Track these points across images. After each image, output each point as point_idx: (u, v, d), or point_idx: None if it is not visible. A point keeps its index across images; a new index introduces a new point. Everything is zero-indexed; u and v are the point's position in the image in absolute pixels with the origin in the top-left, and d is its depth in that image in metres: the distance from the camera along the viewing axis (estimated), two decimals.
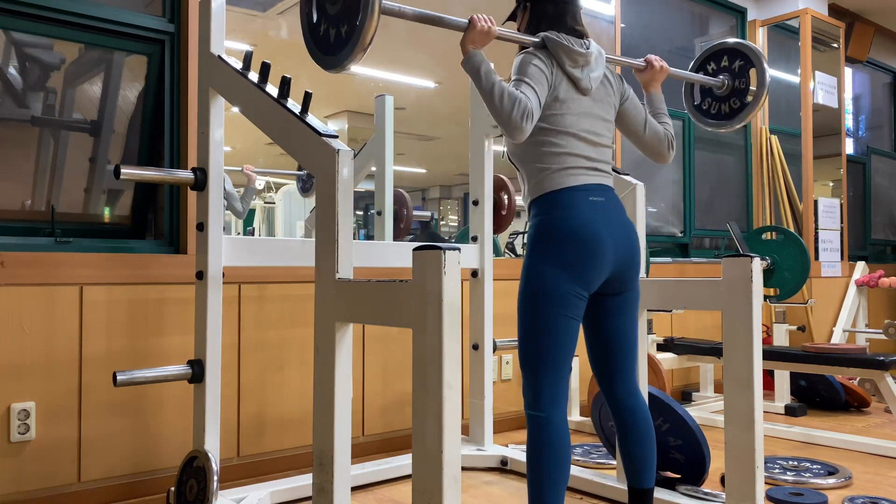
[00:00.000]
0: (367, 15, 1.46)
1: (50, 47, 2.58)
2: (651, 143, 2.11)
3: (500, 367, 3.60)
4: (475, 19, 1.87)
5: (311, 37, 1.63)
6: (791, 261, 4.24)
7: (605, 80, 2.02)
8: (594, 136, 1.96)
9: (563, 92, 1.91)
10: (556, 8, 1.99)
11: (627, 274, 1.96)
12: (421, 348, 1.52)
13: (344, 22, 1.51)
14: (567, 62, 1.91)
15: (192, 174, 2.25)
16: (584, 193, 1.90)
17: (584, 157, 1.93)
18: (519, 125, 1.77)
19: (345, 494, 1.79)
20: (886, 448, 3.21)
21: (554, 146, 1.90)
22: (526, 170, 1.97)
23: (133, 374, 2.16)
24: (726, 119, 2.62)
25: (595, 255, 1.85)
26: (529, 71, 1.86)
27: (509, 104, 1.76)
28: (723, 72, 2.60)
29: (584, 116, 1.94)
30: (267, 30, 3.17)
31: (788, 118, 5.48)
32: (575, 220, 1.86)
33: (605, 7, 4.39)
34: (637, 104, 2.11)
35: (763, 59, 2.52)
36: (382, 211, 3.29)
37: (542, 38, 1.94)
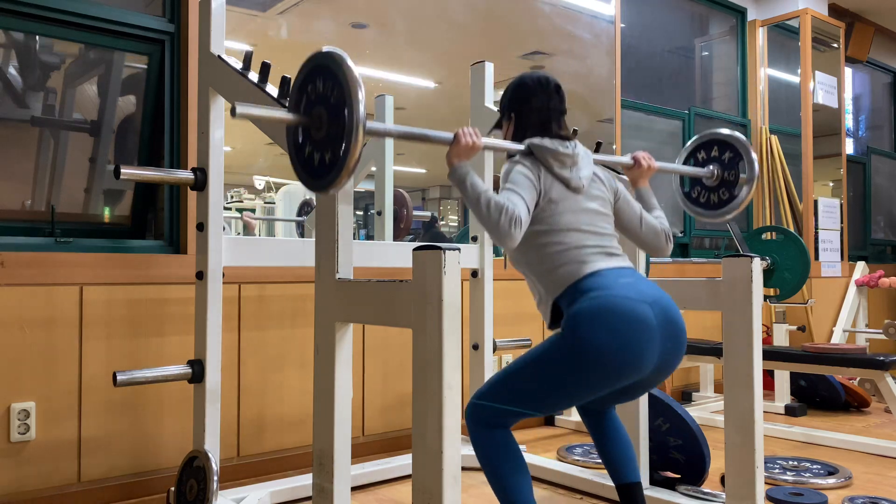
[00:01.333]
0: (350, 143, 1.47)
1: (50, 47, 2.58)
2: (648, 238, 2.08)
3: (500, 367, 3.60)
4: (460, 134, 1.83)
5: (297, 158, 1.64)
6: (791, 261, 4.24)
7: (595, 178, 2.00)
8: (597, 228, 1.92)
9: (556, 193, 1.89)
10: (540, 116, 2.00)
11: (671, 364, 1.85)
12: (421, 348, 1.52)
13: (328, 148, 1.53)
14: (554, 164, 1.90)
15: (192, 174, 2.25)
16: (612, 276, 1.81)
17: (592, 246, 1.87)
18: (508, 232, 1.74)
19: (345, 494, 1.79)
20: (886, 448, 3.21)
21: (558, 244, 1.86)
22: (535, 273, 1.90)
23: (133, 374, 2.16)
24: (715, 209, 2.60)
25: (642, 341, 1.73)
26: (516, 178, 1.86)
27: (496, 213, 1.74)
28: (712, 161, 2.59)
29: (581, 213, 1.91)
30: (267, 30, 3.17)
31: (788, 118, 5.48)
32: (613, 301, 1.74)
33: (605, 7, 4.39)
34: (630, 201, 2.08)
35: (752, 152, 2.51)
36: (382, 211, 3.29)
37: (527, 145, 1.94)
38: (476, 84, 3.05)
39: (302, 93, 1.63)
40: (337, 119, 1.52)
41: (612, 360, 1.70)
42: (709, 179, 2.59)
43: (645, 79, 4.74)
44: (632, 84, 4.57)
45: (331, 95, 1.54)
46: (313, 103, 1.59)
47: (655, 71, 4.88)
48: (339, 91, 1.52)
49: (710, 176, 2.57)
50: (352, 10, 3.37)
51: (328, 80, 1.55)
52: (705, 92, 5.34)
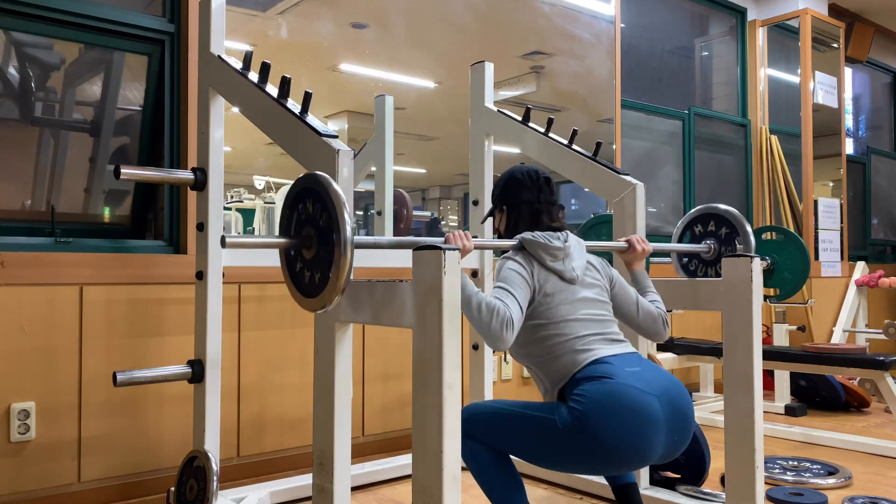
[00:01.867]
0: (340, 263, 1.50)
1: (50, 47, 2.58)
2: (646, 324, 2.07)
3: (500, 367, 3.60)
4: (450, 239, 1.84)
5: (290, 276, 1.67)
6: (791, 261, 4.23)
7: (590, 266, 2.00)
8: (596, 316, 1.91)
9: (551, 286, 1.89)
10: (531, 209, 2.03)
11: (677, 451, 1.82)
12: (421, 348, 1.52)
13: (318, 268, 1.56)
14: (547, 258, 1.91)
15: (192, 174, 2.25)
16: (617, 363, 1.79)
17: (592, 334, 1.87)
18: (499, 335, 1.73)
19: (345, 494, 1.79)
20: (886, 448, 3.21)
21: (558, 336, 1.85)
22: (538, 365, 1.89)
23: (133, 374, 2.16)
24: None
25: (647, 434, 1.71)
26: (508, 276, 1.86)
27: (488, 316, 1.73)
28: (709, 236, 2.60)
29: (578, 303, 1.90)
30: (267, 30, 3.17)
31: (788, 118, 5.48)
32: (619, 391, 1.72)
33: (605, 7, 4.39)
34: (626, 287, 2.08)
35: (748, 229, 2.52)
36: (382, 211, 3.29)
37: (518, 241, 1.95)
38: (476, 84, 3.05)
39: (292, 214, 1.65)
40: (326, 240, 1.54)
41: (616, 451, 1.70)
42: (706, 254, 2.61)
43: (645, 79, 4.74)
44: (632, 84, 4.56)
45: (319, 218, 1.56)
46: (303, 224, 1.61)
47: (655, 71, 4.88)
48: (326, 214, 1.54)
49: (707, 251, 2.59)
50: (352, 10, 3.37)
51: (316, 203, 1.57)
52: (705, 92, 5.34)
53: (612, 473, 1.80)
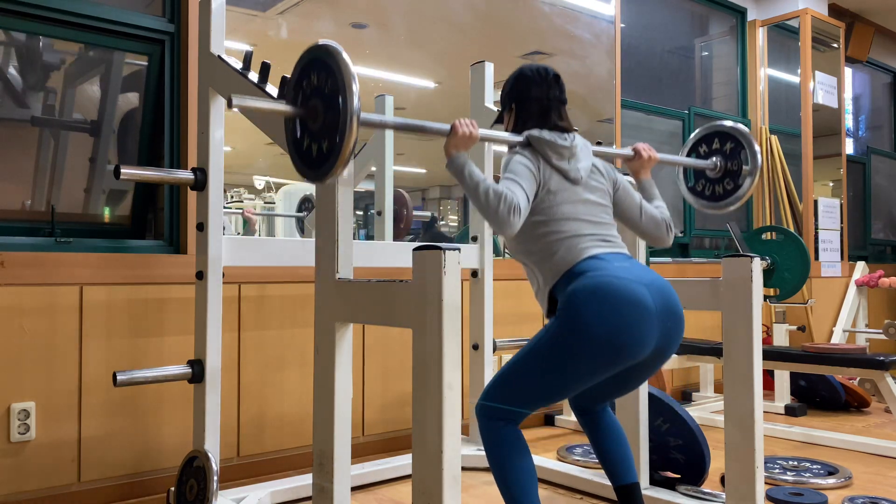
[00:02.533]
0: (345, 131, 1.50)
1: (50, 47, 2.58)
2: (649, 227, 2.09)
3: (500, 366, 3.60)
4: (457, 125, 1.85)
5: (296, 151, 1.67)
6: (791, 261, 4.24)
7: (594, 170, 2.01)
8: (595, 218, 1.93)
9: (555, 184, 1.90)
10: (540, 106, 2.01)
11: (671, 348, 1.85)
12: (421, 348, 1.52)
13: (325, 138, 1.55)
14: (553, 156, 1.91)
15: (192, 174, 2.25)
16: (609, 260, 1.83)
17: (590, 235, 1.89)
18: (507, 220, 1.75)
19: (345, 494, 1.79)
20: (886, 448, 3.21)
21: (557, 233, 1.87)
22: (533, 261, 1.92)
23: (133, 374, 2.16)
24: (721, 199, 2.61)
25: (640, 322, 1.73)
26: (516, 169, 1.87)
27: (495, 201, 1.75)
28: (715, 154, 2.60)
29: (579, 203, 1.92)
30: (267, 30, 3.17)
31: (788, 118, 5.48)
32: (612, 282, 1.74)
33: (605, 7, 4.39)
34: (630, 191, 2.09)
35: (754, 142, 2.52)
36: (382, 211, 3.29)
37: (525, 137, 1.95)
38: (476, 84, 3.05)
39: (299, 86, 1.65)
40: (332, 109, 1.54)
41: (609, 339, 1.70)
42: (712, 171, 2.59)
43: (645, 79, 4.74)
44: (632, 84, 4.56)
45: (325, 87, 1.56)
46: (309, 96, 1.61)
47: (655, 71, 4.88)
48: (333, 82, 1.54)
49: (713, 168, 2.58)
50: (352, 10, 3.37)
51: (323, 73, 1.57)
52: (705, 92, 5.34)
53: (614, 369, 1.76)
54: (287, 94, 1.68)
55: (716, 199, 2.63)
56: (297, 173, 1.69)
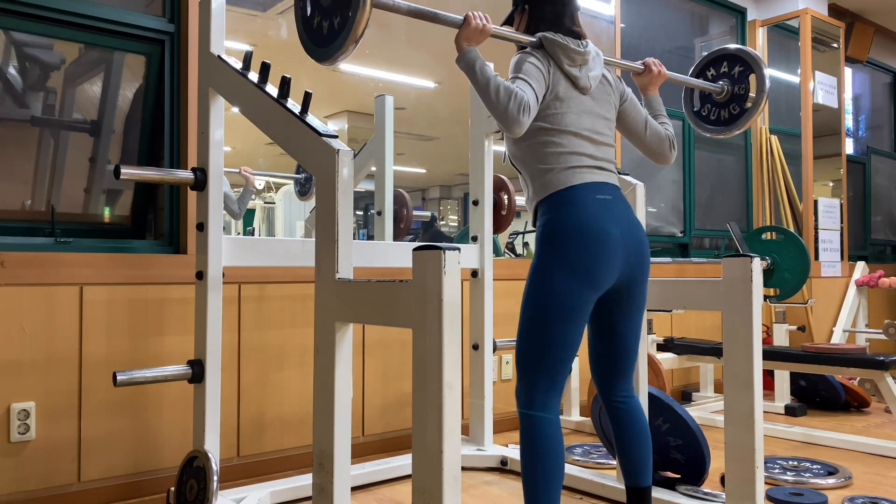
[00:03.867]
0: (358, 6, 1.48)
1: (50, 47, 2.58)
2: (652, 143, 2.11)
3: (500, 367, 3.60)
4: (470, 17, 1.87)
5: (305, 29, 1.65)
6: (791, 261, 4.24)
7: (603, 80, 2.02)
8: (596, 135, 1.95)
9: (563, 90, 1.90)
10: (553, 9, 1.99)
11: (637, 275, 1.93)
12: (421, 348, 1.52)
13: (336, 14, 1.53)
14: (565, 61, 1.91)
15: (192, 174, 2.25)
16: (591, 191, 1.87)
17: (587, 156, 1.91)
18: (516, 118, 1.76)
19: (345, 494, 1.79)
20: (886, 448, 3.21)
21: (556, 146, 1.89)
22: (529, 171, 1.95)
23: (133, 374, 2.16)
24: (725, 125, 2.61)
25: (605, 253, 1.82)
26: (526, 69, 1.86)
27: (505, 98, 1.76)
28: (722, 77, 2.59)
29: (584, 115, 1.93)
30: (267, 30, 3.17)
31: (788, 118, 5.48)
32: (583, 218, 1.83)
33: (605, 7, 4.39)
34: (637, 105, 2.11)
35: (763, 64, 2.51)
36: (382, 211, 3.29)
37: (538, 38, 1.94)
38: None
39: None
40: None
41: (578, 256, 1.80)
42: (718, 95, 2.59)
43: None
44: (632, 84, 4.55)
45: None
46: None
47: None
48: None
49: (720, 91, 2.57)
50: None
51: None
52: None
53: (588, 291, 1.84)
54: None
55: (721, 124, 2.62)
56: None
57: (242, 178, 3.40)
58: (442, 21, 1.87)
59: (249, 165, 3.40)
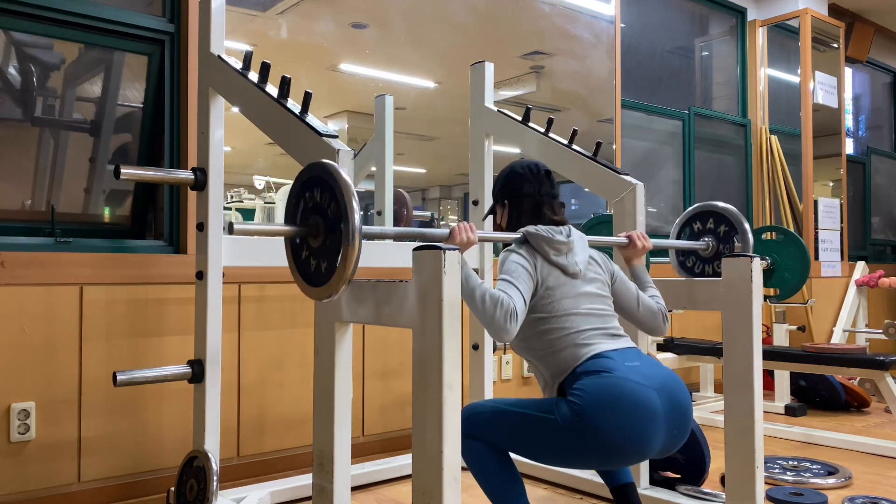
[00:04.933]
0: (348, 252, 1.49)
1: (50, 47, 2.58)
2: (645, 318, 2.08)
3: (500, 367, 3.60)
4: (455, 231, 1.84)
5: (296, 265, 1.65)
6: (791, 261, 4.23)
7: (591, 261, 2.01)
8: (597, 311, 1.92)
9: (554, 280, 1.89)
10: (533, 202, 2.03)
11: (678, 442, 1.82)
12: (421, 348, 1.52)
13: (325, 258, 1.54)
14: (550, 252, 1.91)
15: (192, 174, 2.24)
16: (616, 358, 1.80)
17: (593, 329, 1.87)
18: (503, 326, 1.73)
19: (345, 494, 1.79)
20: (886, 448, 3.21)
21: (560, 330, 1.86)
22: (539, 358, 1.90)
23: (133, 374, 2.16)
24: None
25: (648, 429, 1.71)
26: (512, 269, 1.86)
27: (492, 307, 1.73)
28: (708, 233, 2.61)
29: (580, 297, 1.91)
30: (267, 30, 3.17)
31: (788, 118, 5.48)
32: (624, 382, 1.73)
33: (605, 7, 4.39)
34: (627, 283, 2.08)
35: (746, 228, 2.52)
36: (382, 211, 3.29)
37: (522, 234, 1.95)
38: (476, 84, 3.04)
39: (298, 202, 1.63)
40: (333, 229, 1.52)
41: (615, 445, 1.70)
42: (704, 251, 2.61)
43: (645, 79, 4.74)
44: (632, 84, 4.56)
45: (327, 207, 1.54)
46: (310, 212, 1.60)
47: (655, 71, 4.88)
48: (334, 203, 1.52)
49: (705, 248, 2.60)
50: (352, 10, 3.37)
51: (324, 192, 1.55)
52: (705, 92, 5.34)
53: (612, 468, 1.81)
54: (286, 212, 1.65)
55: (706, 277, 2.63)
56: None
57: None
58: (430, 238, 1.83)
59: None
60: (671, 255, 2.76)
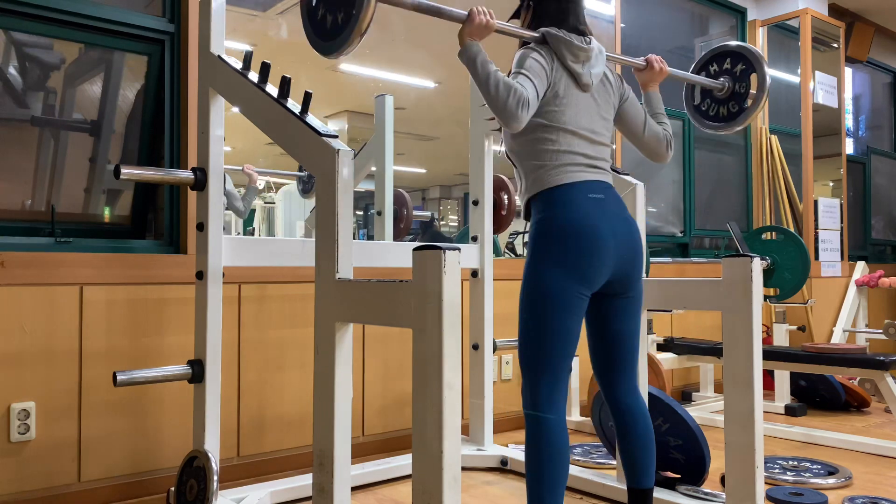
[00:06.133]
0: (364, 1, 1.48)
1: (50, 47, 2.58)
2: (650, 143, 2.12)
3: (500, 367, 3.60)
4: (474, 12, 1.87)
5: (310, 21, 1.65)
6: (791, 261, 4.23)
7: (604, 79, 2.02)
8: (593, 135, 1.96)
9: (563, 88, 1.90)
10: (559, 6, 1.99)
11: (630, 272, 1.95)
12: (421, 348, 1.52)
13: (341, 8, 1.53)
14: (568, 56, 1.91)
15: (192, 174, 2.25)
16: (583, 190, 1.89)
17: (582, 155, 1.92)
18: (514, 113, 1.76)
19: (345, 494, 1.79)
20: (886, 448, 3.21)
21: (552, 143, 1.90)
22: (523, 167, 1.97)
23: (133, 374, 2.16)
24: (725, 122, 2.62)
25: (596, 251, 1.84)
26: (528, 64, 1.86)
27: (505, 92, 1.76)
28: (724, 74, 2.59)
29: (583, 113, 1.93)
30: (267, 30, 3.17)
31: (788, 118, 5.48)
32: (574, 216, 1.85)
33: (605, 7, 4.39)
34: (636, 105, 2.11)
35: (764, 63, 2.51)
36: (382, 211, 3.29)
37: (542, 34, 1.94)
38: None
39: None
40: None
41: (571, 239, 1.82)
42: (719, 92, 2.59)
43: None
44: (632, 84, 4.55)
45: None
46: None
47: None
48: None
49: (721, 88, 2.57)
50: None
51: None
52: None
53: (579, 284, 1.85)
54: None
55: (721, 120, 2.63)
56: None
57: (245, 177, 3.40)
58: (446, 16, 1.88)
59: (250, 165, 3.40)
60: (686, 103, 2.73)
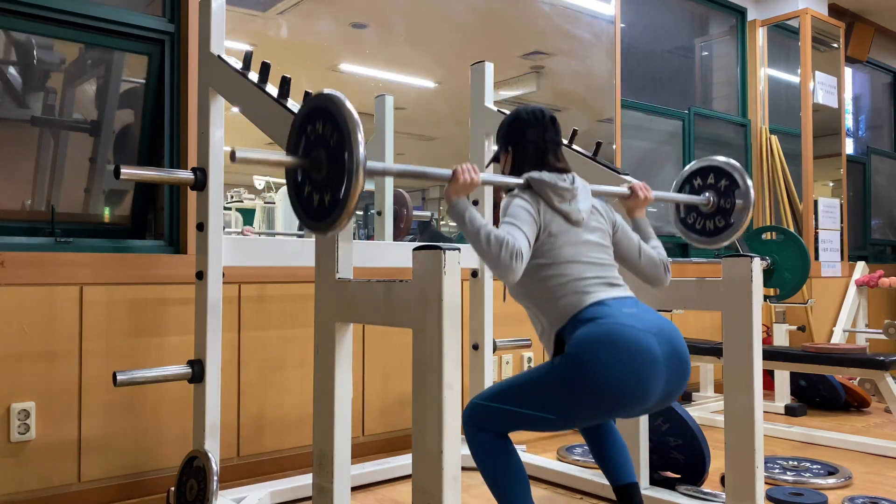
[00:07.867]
0: (351, 185, 1.46)
1: (50, 47, 2.58)
2: (647, 269, 2.07)
3: (500, 367, 3.60)
4: (458, 171, 1.82)
5: (297, 198, 1.62)
6: (791, 261, 4.23)
7: (594, 211, 2.00)
8: (597, 260, 1.92)
9: (556, 227, 1.89)
10: (536, 149, 2.01)
11: (672, 398, 1.83)
12: (421, 348, 1.52)
13: (328, 190, 1.52)
14: (554, 198, 1.90)
15: (192, 174, 2.25)
16: (615, 304, 1.81)
17: (593, 277, 1.87)
18: (509, 265, 1.73)
19: (345, 494, 1.79)
20: (886, 448, 3.21)
21: (560, 277, 1.86)
22: (538, 306, 1.90)
23: (133, 374, 2.16)
24: (711, 236, 2.60)
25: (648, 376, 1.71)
26: (515, 212, 1.85)
27: (497, 247, 1.73)
28: (708, 189, 2.59)
29: (581, 245, 1.91)
30: (267, 30, 3.17)
31: (788, 118, 5.48)
32: (621, 331, 1.73)
33: (605, 7, 4.39)
34: (628, 233, 2.08)
35: (748, 181, 2.51)
36: (382, 211, 3.29)
37: (526, 179, 1.94)
38: (476, 84, 3.05)
39: (301, 134, 1.61)
40: (337, 161, 1.50)
41: (614, 389, 1.69)
42: (705, 207, 2.59)
43: (645, 79, 4.74)
44: (632, 84, 4.56)
45: (330, 138, 1.52)
46: (312, 145, 1.57)
47: (655, 71, 4.88)
48: (338, 133, 1.50)
49: (706, 203, 2.57)
50: (352, 10, 3.37)
51: (327, 123, 1.54)
52: (705, 92, 5.34)
53: (616, 416, 1.78)
54: (288, 143, 1.63)
55: (707, 234, 2.61)
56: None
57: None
58: (431, 177, 1.83)
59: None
60: (673, 217, 2.73)
